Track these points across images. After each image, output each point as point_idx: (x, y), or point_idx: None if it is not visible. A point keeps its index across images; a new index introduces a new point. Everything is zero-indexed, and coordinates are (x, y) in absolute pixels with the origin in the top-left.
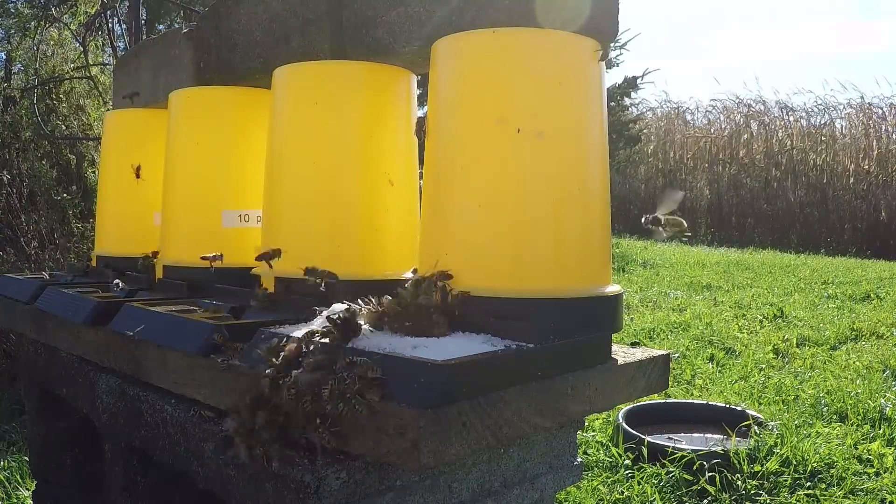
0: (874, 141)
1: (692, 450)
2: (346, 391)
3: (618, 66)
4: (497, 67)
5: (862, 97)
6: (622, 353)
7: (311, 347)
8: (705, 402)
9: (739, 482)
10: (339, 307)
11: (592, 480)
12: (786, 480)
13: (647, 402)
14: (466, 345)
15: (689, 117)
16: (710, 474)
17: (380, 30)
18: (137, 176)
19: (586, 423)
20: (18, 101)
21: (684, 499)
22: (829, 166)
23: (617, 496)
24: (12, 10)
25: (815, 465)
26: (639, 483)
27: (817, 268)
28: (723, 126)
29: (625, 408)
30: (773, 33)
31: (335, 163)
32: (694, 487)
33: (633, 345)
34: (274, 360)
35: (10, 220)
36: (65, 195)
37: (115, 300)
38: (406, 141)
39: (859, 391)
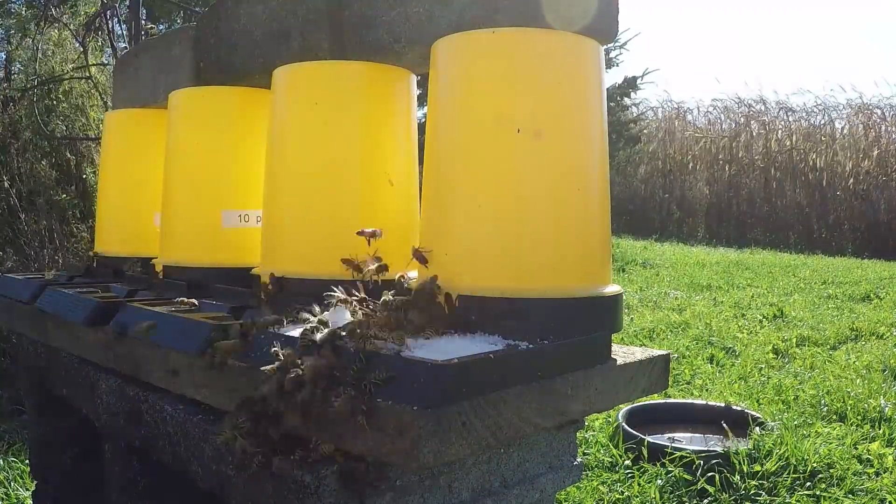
0: (874, 141)
1: (692, 450)
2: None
3: (618, 66)
4: (497, 68)
5: (861, 97)
6: (622, 353)
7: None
8: (705, 402)
9: (739, 482)
10: (340, 309)
11: (592, 480)
12: (786, 480)
13: (647, 402)
14: (466, 345)
15: (689, 117)
16: (709, 474)
17: (380, 30)
18: None
19: (586, 423)
20: (18, 101)
21: (684, 499)
22: (829, 166)
23: (617, 496)
24: (12, 11)
25: (814, 465)
26: (639, 483)
27: (817, 268)
28: (723, 126)
29: (625, 408)
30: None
31: (335, 163)
32: (694, 487)
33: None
34: (287, 364)
35: (10, 220)
36: (64, 195)
37: (115, 300)
38: (406, 141)
39: (859, 391)
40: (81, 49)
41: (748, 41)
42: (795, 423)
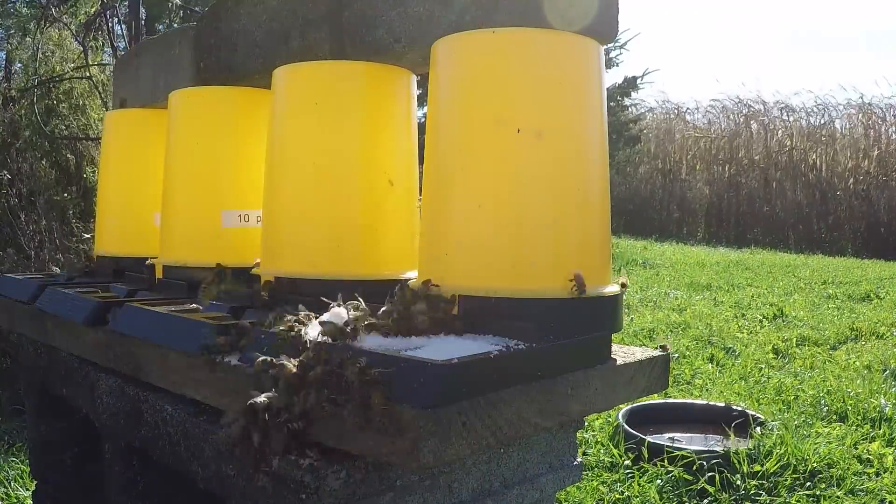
0: (874, 141)
1: (692, 450)
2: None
3: (618, 66)
4: (497, 68)
5: (861, 97)
6: (622, 353)
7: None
8: (705, 402)
9: (739, 482)
10: (338, 311)
11: (592, 480)
12: (786, 480)
13: (647, 402)
14: (466, 345)
15: (688, 117)
16: (710, 474)
17: (380, 30)
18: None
19: (586, 423)
20: (18, 101)
21: (684, 499)
22: (829, 166)
23: (617, 496)
24: (12, 11)
25: (815, 465)
26: (639, 483)
27: (817, 268)
28: (722, 126)
29: (625, 408)
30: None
31: (335, 163)
32: (694, 487)
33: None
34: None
35: (10, 220)
36: (64, 195)
37: (115, 300)
38: (406, 141)
39: (859, 391)
40: (81, 49)
41: (747, 42)
42: (795, 423)
